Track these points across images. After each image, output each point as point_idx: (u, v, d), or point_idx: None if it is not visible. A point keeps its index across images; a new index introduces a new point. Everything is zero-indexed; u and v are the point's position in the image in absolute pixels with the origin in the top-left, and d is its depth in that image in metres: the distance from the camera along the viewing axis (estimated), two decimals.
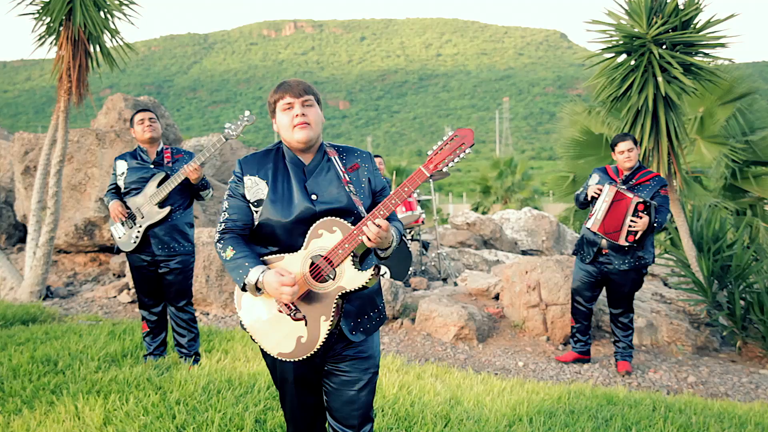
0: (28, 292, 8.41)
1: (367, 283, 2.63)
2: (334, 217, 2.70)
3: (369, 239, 2.58)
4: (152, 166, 5.55)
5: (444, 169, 2.59)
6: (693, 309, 8.05)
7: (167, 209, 5.45)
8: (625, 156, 6.13)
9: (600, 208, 6.07)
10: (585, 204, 6.41)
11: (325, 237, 2.69)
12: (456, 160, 2.57)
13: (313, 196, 2.78)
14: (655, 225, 5.95)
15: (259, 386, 4.93)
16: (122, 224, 5.50)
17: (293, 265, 2.74)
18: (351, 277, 2.65)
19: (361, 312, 2.85)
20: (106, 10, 7.96)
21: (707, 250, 7.79)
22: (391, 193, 2.67)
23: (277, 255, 2.81)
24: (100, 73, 8.51)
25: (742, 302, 7.54)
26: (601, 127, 13.74)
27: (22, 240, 11.80)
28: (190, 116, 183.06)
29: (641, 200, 5.89)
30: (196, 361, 5.69)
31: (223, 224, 2.92)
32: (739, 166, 12.40)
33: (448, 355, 6.64)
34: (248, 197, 2.87)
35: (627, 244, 5.98)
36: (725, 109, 12.21)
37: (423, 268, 9.61)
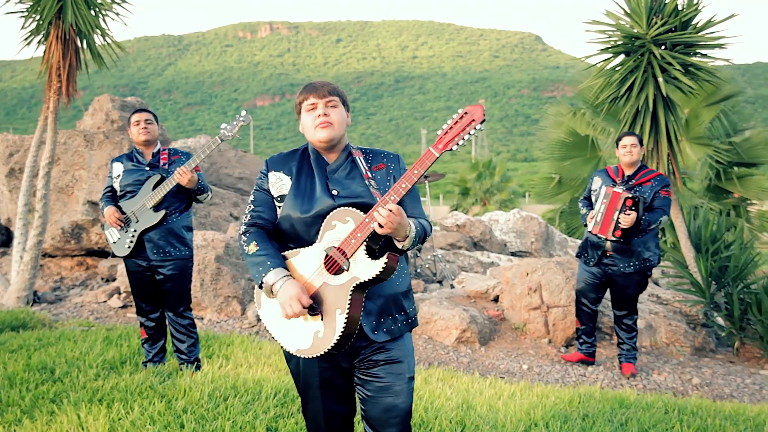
0: (14, 297, 8.20)
1: (381, 272, 2.54)
2: (347, 207, 2.65)
3: (380, 226, 2.49)
4: (148, 168, 5.39)
5: (454, 148, 2.53)
6: (690, 310, 8.04)
7: (162, 213, 5.28)
8: (627, 150, 6.10)
9: (599, 210, 6.04)
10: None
11: (339, 228, 2.64)
12: (466, 137, 2.52)
13: (334, 191, 2.75)
14: (641, 221, 5.90)
15: (266, 393, 4.81)
16: (117, 228, 5.34)
17: (309, 258, 2.70)
18: (364, 267, 2.57)
19: (384, 311, 2.77)
20: (97, 8, 7.78)
21: (705, 250, 7.79)
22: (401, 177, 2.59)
23: (294, 249, 2.76)
24: (89, 73, 8.34)
25: (739, 303, 7.54)
26: (587, 129, 13.81)
27: (5, 244, 11.55)
28: (165, 118, 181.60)
29: (629, 195, 5.85)
30: (197, 367, 5.55)
31: (248, 216, 2.90)
32: (723, 167, 12.51)
33: (451, 359, 6.56)
34: (273, 192, 2.87)
35: (614, 239, 5.94)
36: (710, 110, 12.29)
37: (417, 270, 9.53)
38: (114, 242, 5.36)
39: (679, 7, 7.38)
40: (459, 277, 8.76)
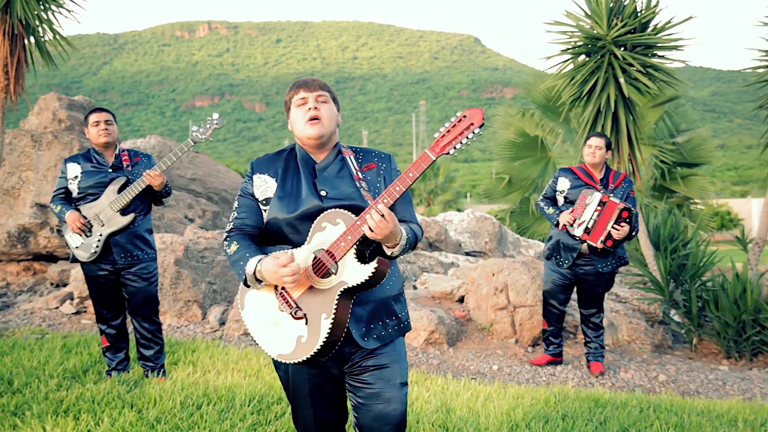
0: None
1: (370, 277, 2.46)
2: (338, 209, 2.55)
3: (371, 230, 2.41)
4: (111, 170, 5.19)
5: (451, 152, 2.45)
6: (648, 307, 8.17)
7: (131, 216, 5.10)
8: (591, 151, 6.05)
9: (590, 216, 5.91)
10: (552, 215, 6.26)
11: (329, 230, 2.54)
12: (464, 141, 2.44)
13: (323, 192, 2.66)
14: (633, 234, 5.96)
15: (240, 400, 4.68)
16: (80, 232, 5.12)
17: (297, 260, 2.58)
18: (353, 271, 2.48)
19: (374, 317, 2.68)
20: (47, 3, 7.47)
21: (664, 249, 7.91)
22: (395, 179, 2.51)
23: (282, 251, 2.64)
24: (36, 70, 8.01)
25: (697, 300, 7.68)
26: (536, 129, 14.01)
27: None
28: None
29: (626, 207, 5.83)
30: (164, 375, 5.37)
31: (231, 224, 2.80)
32: (668, 167, 12.80)
33: (420, 361, 6.50)
34: (257, 196, 2.76)
35: (602, 246, 5.92)
36: (655, 111, 12.56)
37: None
38: (77, 247, 5.13)
39: (638, 9, 7.48)
40: (421, 277, 8.71)
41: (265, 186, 2.75)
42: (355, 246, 2.48)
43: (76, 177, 5.16)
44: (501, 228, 13.12)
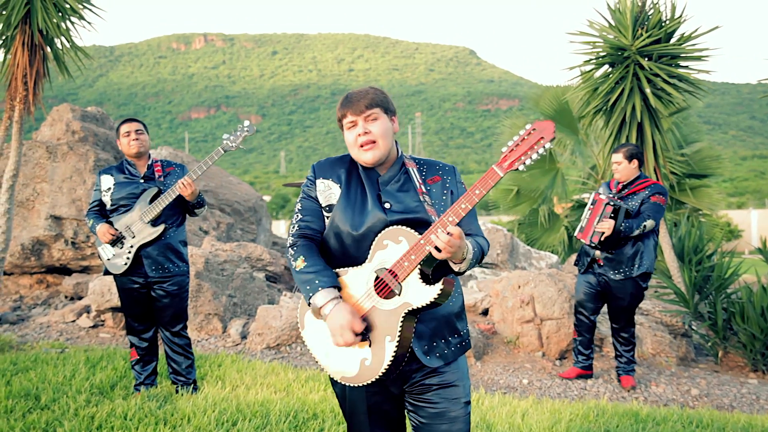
0: None
1: (435, 299, 2.36)
2: (400, 226, 2.45)
3: (438, 249, 2.31)
4: (142, 181, 5.11)
5: (521, 168, 2.31)
6: (671, 320, 8.08)
7: (161, 227, 5.02)
8: (614, 168, 6.14)
9: (585, 216, 6.10)
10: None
11: (391, 248, 2.44)
12: (534, 156, 2.29)
13: (386, 205, 2.55)
14: (621, 229, 5.86)
15: (275, 417, 4.58)
16: (111, 244, 5.03)
17: (358, 278, 2.50)
18: (417, 292, 2.38)
19: (437, 335, 2.58)
20: (67, 14, 7.38)
21: (688, 261, 7.83)
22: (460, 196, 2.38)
23: (342, 269, 2.56)
24: (51, 81, 7.94)
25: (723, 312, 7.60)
26: None
27: None
28: None
29: (610, 202, 5.88)
30: (195, 389, 5.26)
31: (296, 226, 2.68)
32: (678, 179, 12.73)
33: None
34: (321, 201, 2.66)
35: (592, 244, 6.00)
36: (665, 122, 12.50)
37: None
38: (108, 259, 5.04)
39: (664, 19, 7.43)
40: None
41: (329, 192, 2.65)
42: (419, 266, 2.39)
43: (109, 189, 5.10)
44: (513, 239, 13.03)
